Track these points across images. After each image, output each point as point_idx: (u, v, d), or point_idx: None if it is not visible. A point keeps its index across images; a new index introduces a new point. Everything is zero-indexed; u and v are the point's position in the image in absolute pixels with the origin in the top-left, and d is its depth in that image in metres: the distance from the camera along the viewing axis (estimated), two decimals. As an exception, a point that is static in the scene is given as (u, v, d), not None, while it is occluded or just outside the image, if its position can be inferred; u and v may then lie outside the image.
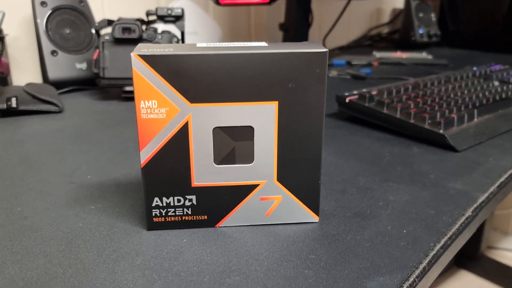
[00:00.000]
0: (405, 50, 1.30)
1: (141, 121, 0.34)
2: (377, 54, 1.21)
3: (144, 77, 0.33)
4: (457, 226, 0.38)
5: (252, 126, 0.35)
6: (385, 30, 1.56)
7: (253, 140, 0.35)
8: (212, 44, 0.35)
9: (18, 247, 0.34)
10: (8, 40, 0.84)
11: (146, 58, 0.32)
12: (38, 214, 0.39)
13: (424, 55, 1.20)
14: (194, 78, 0.33)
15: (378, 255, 0.33)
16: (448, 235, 0.36)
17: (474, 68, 0.84)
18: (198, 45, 0.35)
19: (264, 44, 0.35)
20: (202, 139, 0.35)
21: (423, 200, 0.42)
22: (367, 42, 1.46)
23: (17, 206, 0.40)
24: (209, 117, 0.34)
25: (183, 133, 0.34)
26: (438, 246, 0.35)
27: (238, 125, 0.34)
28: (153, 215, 0.36)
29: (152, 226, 0.36)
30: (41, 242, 0.35)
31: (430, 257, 0.33)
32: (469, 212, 0.40)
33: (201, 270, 0.32)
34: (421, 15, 1.36)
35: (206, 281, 0.30)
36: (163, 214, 0.36)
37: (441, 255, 0.35)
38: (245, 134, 0.35)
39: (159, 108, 0.33)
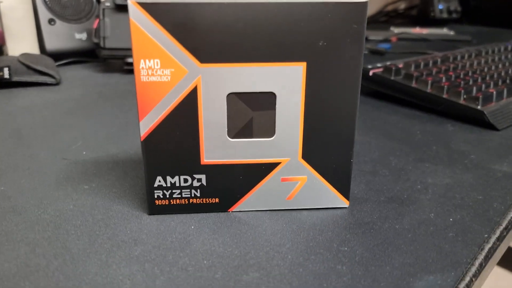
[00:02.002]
0: (424, 26, 1.23)
1: (141, 84, 0.28)
2: (395, 30, 1.14)
3: (145, 31, 0.27)
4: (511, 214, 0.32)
5: (274, 92, 0.29)
6: (402, 5, 1.48)
7: (275, 110, 0.29)
8: (226, -6, 0.29)
9: (-4, 233, 0.29)
10: (2, 8, 0.78)
11: (147, 6, 0.26)
12: (23, 194, 0.34)
13: (445, 31, 1.13)
14: (206, 33, 0.27)
15: (424, 248, 0.28)
16: (504, 225, 0.31)
17: (507, 44, 0.78)
18: (210, -6, 0.29)
19: (289, -6, 0.29)
20: (214, 108, 0.29)
21: (466, 184, 0.36)
22: (383, 18, 1.39)
23: (0, 185, 0.35)
24: (223, 81, 0.28)
25: (191, 99, 0.28)
26: (493, 238, 0.29)
27: (257, 91, 0.29)
28: (156, 197, 0.31)
29: (154, 210, 0.31)
30: (24, 227, 0.30)
31: (486, 251, 0.28)
32: (523, 198, 0.34)
33: (212, 264, 0.26)
34: (441, -11, 1.28)
35: (219, 277, 0.25)
36: (167, 196, 0.31)
37: (497, 248, 0.29)
38: (265, 102, 0.29)
39: (162, 68, 0.28)
